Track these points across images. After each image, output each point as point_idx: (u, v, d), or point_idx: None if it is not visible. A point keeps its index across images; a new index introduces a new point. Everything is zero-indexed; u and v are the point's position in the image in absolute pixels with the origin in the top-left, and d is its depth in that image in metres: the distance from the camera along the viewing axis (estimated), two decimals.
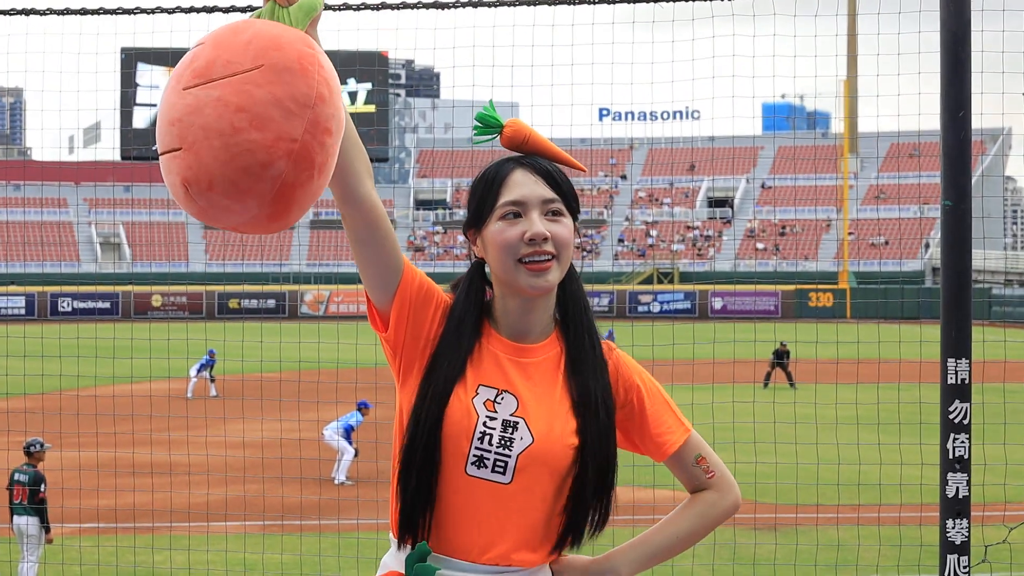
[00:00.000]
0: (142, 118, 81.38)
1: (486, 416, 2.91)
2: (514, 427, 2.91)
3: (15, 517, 11.47)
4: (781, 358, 29.21)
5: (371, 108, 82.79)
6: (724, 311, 63.53)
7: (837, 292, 64.65)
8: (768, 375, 29.32)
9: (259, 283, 64.86)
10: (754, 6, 9.83)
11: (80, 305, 60.96)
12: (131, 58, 75.85)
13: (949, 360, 5.34)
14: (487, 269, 3.05)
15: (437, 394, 2.94)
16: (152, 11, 7.02)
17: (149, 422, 16.20)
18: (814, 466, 12.32)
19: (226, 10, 6.82)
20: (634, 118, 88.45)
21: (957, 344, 5.33)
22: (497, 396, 2.94)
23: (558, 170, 3.01)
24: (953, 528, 5.35)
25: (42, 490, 11.51)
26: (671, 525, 3.10)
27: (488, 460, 2.89)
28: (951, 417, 5.35)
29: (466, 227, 3.07)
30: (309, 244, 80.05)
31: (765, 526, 13.48)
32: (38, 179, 73.93)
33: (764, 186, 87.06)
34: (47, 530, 11.49)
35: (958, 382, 5.33)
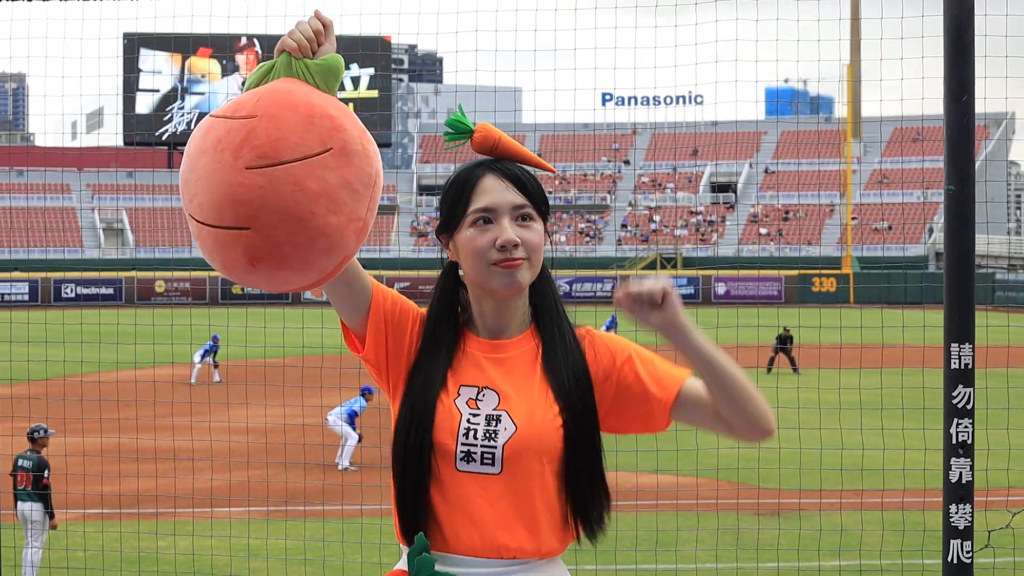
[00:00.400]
0: (145, 104, 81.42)
1: (469, 413, 2.95)
2: (497, 420, 2.94)
3: (19, 503, 11.49)
4: (784, 343, 29.19)
5: (374, 93, 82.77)
6: (727, 296, 63.55)
7: (840, 277, 64.62)
8: (771, 360, 29.30)
9: None
10: None
11: (83, 291, 60.99)
12: (134, 43, 75.83)
13: (952, 345, 5.34)
14: (461, 272, 3.09)
15: (421, 402, 2.98)
16: None
17: (153, 408, 16.21)
18: (817, 451, 12.30)
19: None
20: (637, 103, 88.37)
21: (960, 329, 5.33)
22: (478, 394, 2.98)
23: (528, 174, 3.03)
24: (956, 513, 5.36)
25: (46, 476, 11.52)
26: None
27: (476, 454, 2.92)
28: (954, 402, 5.35)
29: (438, 231, 3.11)
30: None
31: (768, 511, 13.49)
32: (41, 165, 73.94)
33: (767, 171, 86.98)
34: (51, 516, 11.51)
35: (961, 367, 5.34)
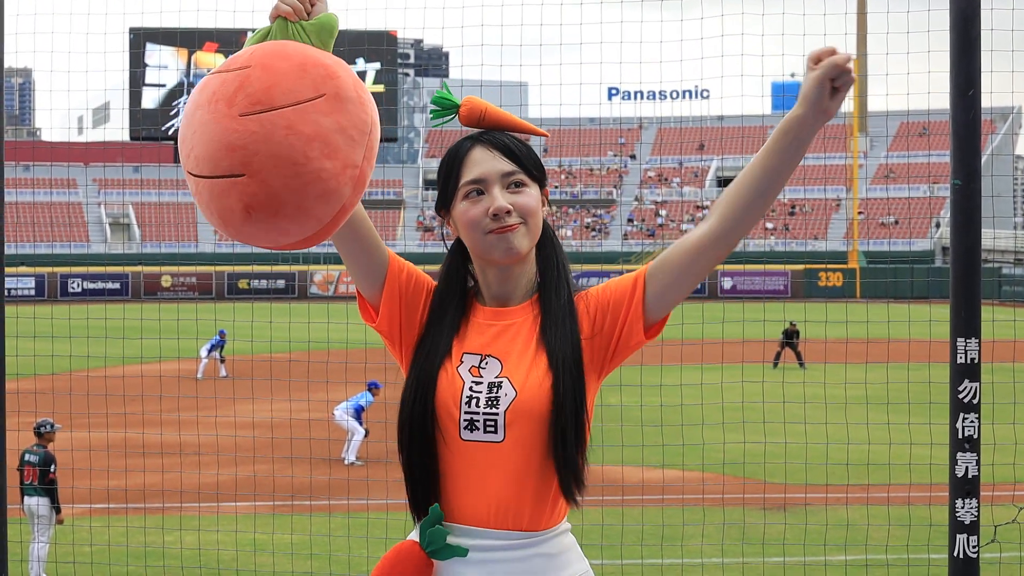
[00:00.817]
0: (151, 98, 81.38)
1: (472, 381, 2.97)
2: (499, 387, 2.96)
3: (26, 498, 11.50)
4: (791, 338, 29.18)
5: (380, 88, 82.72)
6: (734, 291, 63.50)
7: (847, 272, 64.54)
8: (778, 355, 29.29)
9: (268, 263, 64.82)
10: None
11: (90, 286, 61.05)
12: (140, 38, 75.84)
13: (959, 340, 5.34)
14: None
15: (425, 370, 3.01)
16: None
17: (159, 403, 16.24)
18: (823, 446, 12.32)
19: None
20: (643, 97, 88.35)
21: (967, 324, 5.33)
22: (481, 362, 3.00)
23: (517, 141, 3.04)
24: (962, 508, 5.35)
25: (52, 471, 11.53)
26: None
27: (479, 422, 2.94)
28: (961, 397, 5.35)
29: (436, 208, 3.12)
30: None
31: (774, 506, 13.49)
32: (47, 160, 74.03)
33: None
34: (58, 511, 11.52)
35: (967, 362, 5.33)
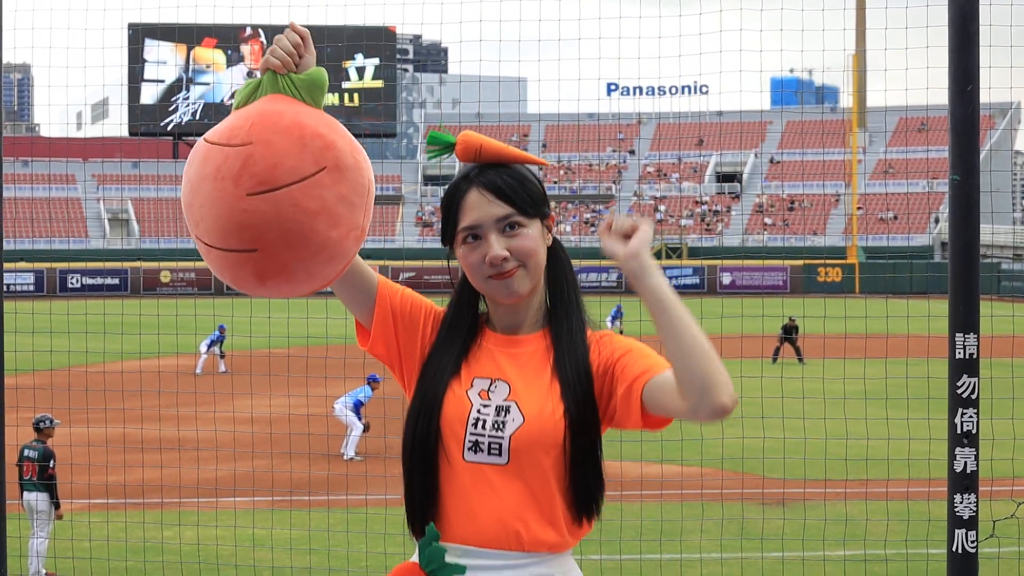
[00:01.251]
0: (149, 94, 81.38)
1: (480, 404, 2.97)
2: (506, 411, 2.95)
3: (25, 493, 11.50)
4: (789, 333, 29.17)
5: (379, 83, 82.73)
6: (732, 286, 63.50)
7: (845, 267, 64.55)
8: (777, 350, 29.30)
9: None
10: None
11: (89, 281, 61.04)
12: (138, 34, 75.81)
13: (957, 335, 5.34)
14: None
15: (432, 390, 3.01)
16: None
17: (158, 398, 16.23)
18: (822, 441, 12.32)
19: None
20: (642, 93, 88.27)
21: (965, 319, 5.33)
22: (491, 385, 3.00)
23: (512, 180, 3.02)
24: (961, 503, 5.36)
25: (51, 466, 11.52)
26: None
27: (483, 444, 2.94)
28: (959, 392, 5.35)
29: (442, 242, 3.13)
30: None
31: (773, 501, 13.49)
32: (46, 155, 73.90)
33: (772, 161, 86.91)
34: (57, 506, 11.51)
35: (966, 357, 5.33)
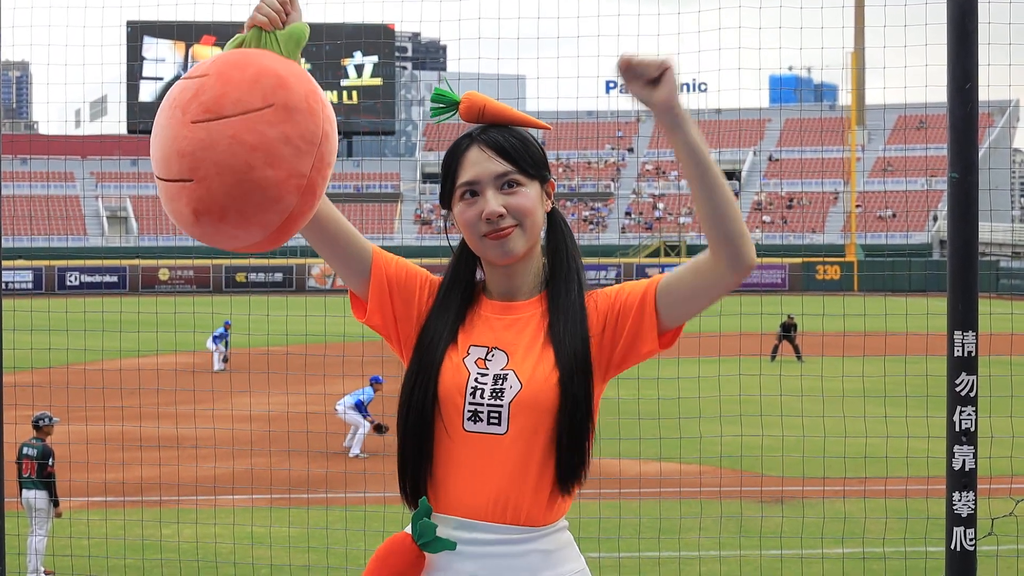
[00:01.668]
0: (148, 92, 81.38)
1: (477, 373, 2.97)
2: (504, 379, 2.96)
3: (24, 491, 11.50)
4: (788, 331, 29.17)
5: (377, 81, 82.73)
6: None
7: (844, 265, 64.55)
8: (775, 348, 29.29)
9: (266, 257, 64.80)
10: None
11: (87, 279, 61.01)
12: (136, 31, 75.83)
13: (956, 333, 5.34)
14: None
15: (428, 357, 3.01)
16: None
17: (157, 396, 16.22)
18: (821, 439, 12.31)
19: None
20: None
21: (964, 317, 5.33)
22: (487, 354, 3.00)
23: (514, 139, 3.04)
24: (959, 501, 5.36)
25: (50, 464, 11.52)
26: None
27: (482, 413, 2.94)
28: (958, 389, 5.35)
29: (441, 204, 3.16)
30: None
31: (772, 499, 13.50)
32: (44, 153, 73.77)
33: (771, 159, 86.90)
34: (56, 504, 11.51)
35: (965, 354, 5.33)
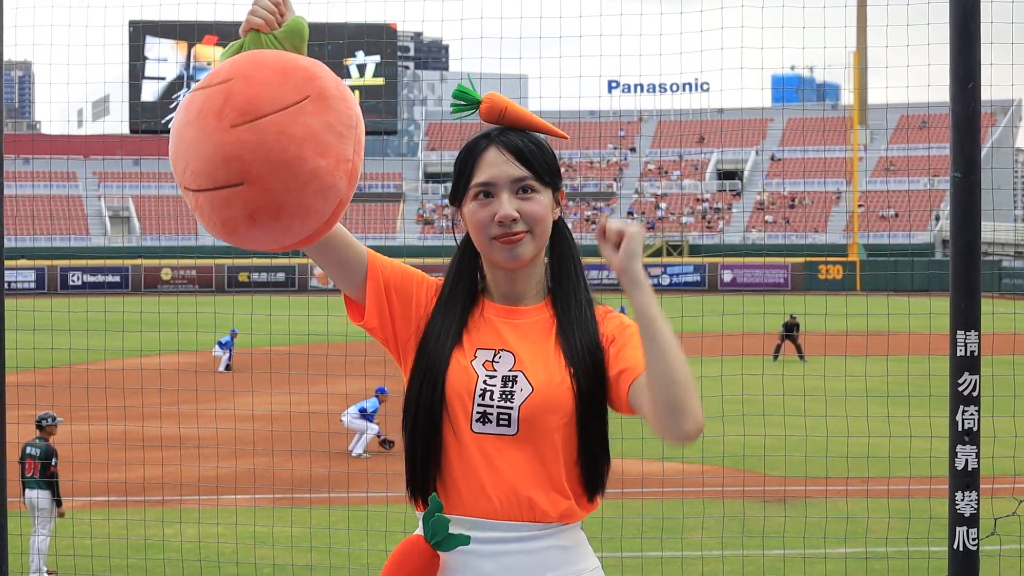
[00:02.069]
0: (150, 91, 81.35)
1: (485, 375, 2.96)
2: (513, 380, 2.95)
3: (27, 491, 11.50)
4: (791, 330, 29.16)
5: (380, 81, 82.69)
6: (734, 284, 63.52)
7: (847, 264, 64.57)
8: (778, 348, 29.28)
9: (268, 257, 64.80)
10: None
11: (90, 279, 61.06)
12: (139, 31, 75.78)
13: (958, 332, 5.34)
14: None
15: (434, 358, 3.00)
16: None
17: (159, 395, 16.23)
18: (823, 438, 12.31)
19: None
20: (643, 90, 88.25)
21: (966, 316, 5.33)
22: (495, 356, 2.99)
23: (532, 145, 3.02)
24: (962, 500, 5.36)
25: (53, 464, 11.52)
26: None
27: (491, 415, 2.93)
28: (960, 389, 5.35)
29: (450, 200, 3.12)
30: None
31: (774, 498, 13.49)
32: (47, 153, 73.88)
33: (774, 158, 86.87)
34: (59, 504, 11.52)
35: (967, 354, 5.33)
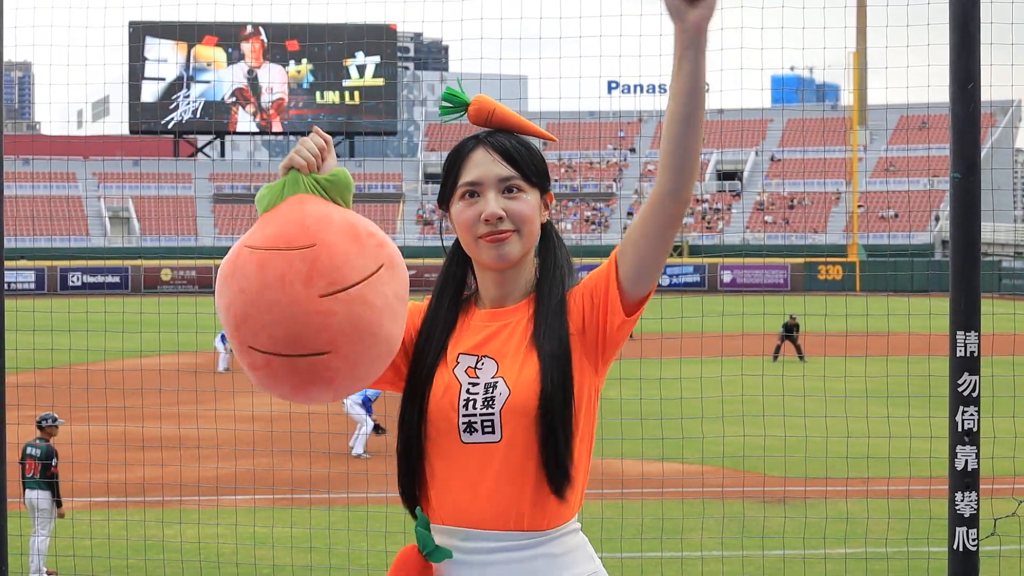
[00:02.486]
0: (150, 92, 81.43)
1: (468, 383, 2.98)
2: (494, 387, 2.96)
3: (27, 491, 11.49)
4: (790, 331, 29.15)
5: (380, 81, 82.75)
6: (733, 284, 63.49)
7: (846, 265, 64.55)
8: (777, 348, 29.28)
9: None
10: None
11: (90, 279, 61.03)
12: (139, 32, 75.86)
13: (958, 333, 5.34)
14: None
15: (419, 375, 3.02)
16: None
17: (159, 396, 16.22)
18: (823, 439, 12.31)
19: None
20: (643, 91, 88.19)
21: (966, 317, 5.33)
22: (477, 363, 3.00)
23: (519, 145, 3.04)
24: (962, 501, 5.36)
25: (54, 464, 11.52)
26: None
27: (476, 423, 2.95)
28: (960, 390, 5.35)
29: (438, 202, 3.15)
30: None
31: (774, 499, 13.49)
32: (47, 153, 73.91)
33: (773, 159, 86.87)
34: (59, 504, 11.51)
35: (967, 355, 5.33)
